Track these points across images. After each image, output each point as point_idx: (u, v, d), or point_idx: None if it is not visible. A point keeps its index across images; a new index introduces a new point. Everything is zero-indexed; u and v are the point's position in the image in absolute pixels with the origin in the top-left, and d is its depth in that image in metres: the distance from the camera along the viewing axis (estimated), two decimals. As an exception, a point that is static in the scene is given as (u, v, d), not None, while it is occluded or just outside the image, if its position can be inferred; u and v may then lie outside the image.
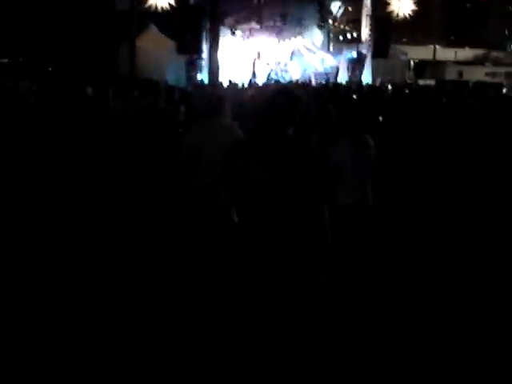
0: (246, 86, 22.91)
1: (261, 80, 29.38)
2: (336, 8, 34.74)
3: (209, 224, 4.73)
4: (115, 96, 10.95)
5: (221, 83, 21.24)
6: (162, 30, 28.83)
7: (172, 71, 27.16)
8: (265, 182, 3.50)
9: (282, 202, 3.50)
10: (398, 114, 11.74)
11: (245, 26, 32.18)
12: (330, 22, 34.99)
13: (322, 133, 5.38)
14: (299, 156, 3.58)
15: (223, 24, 27.39)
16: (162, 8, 27.31)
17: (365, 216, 5.69)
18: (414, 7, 32.22)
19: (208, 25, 27.08)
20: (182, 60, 28.09)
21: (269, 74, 31.35)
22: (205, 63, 28.47)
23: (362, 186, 5.77)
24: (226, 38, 28.58)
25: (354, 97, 14.36)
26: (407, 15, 32.26)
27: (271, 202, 3.50)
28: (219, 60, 25.54)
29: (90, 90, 13.71)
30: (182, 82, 26.36)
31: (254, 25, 32.27)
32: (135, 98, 10.34)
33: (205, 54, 28.49)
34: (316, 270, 3.60)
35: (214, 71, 12.12)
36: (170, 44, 28.06)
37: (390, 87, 21.15)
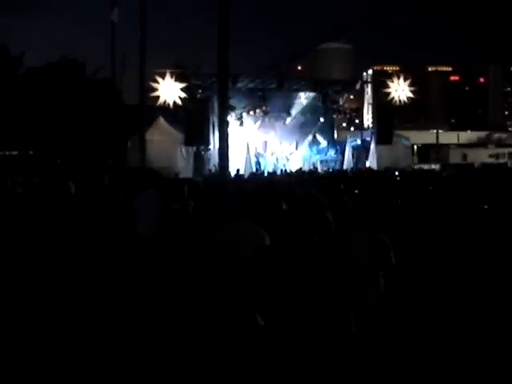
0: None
1: (268, 169, 29.91)
2: (338, 97, 35.62)
3: (234, 328, 4.76)
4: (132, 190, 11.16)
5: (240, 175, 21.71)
6: (170, 121, 29.65)
7: (181, 162, 27.75)
8: (291, 290, 3.57)
9: (308, 308, 3.56)
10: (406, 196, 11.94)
11: (252, 117, 32.98)
12: (333, 110, 35.79)
13: (338, 226, 5.45)
14: (325, 262, 3.65)
15: (231, 115, 28.08)
16: (170, 103, 28.17)
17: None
18: (411, 94, 33.00)
19: (212, 117, 27.84)
20: (189, 151, 28.78)
21: (275, 164, 31.87)
22: (211, 154, 29.09)
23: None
24: (233, 129, 29.27)
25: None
26: (406, 101, 33.00)
27: (298, 309, 3.56)
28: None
29: (106, 181, 13.98)
30: (189, 174, 26.88)
31: (261, 115, 33.04)
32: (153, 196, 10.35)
33: (211, 145, 29.17)
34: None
35: (223, 162, 12.36)
36: (178, 136, 28.77)
37: (396, 173, 21.45)
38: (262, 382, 3.98)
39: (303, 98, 33.74)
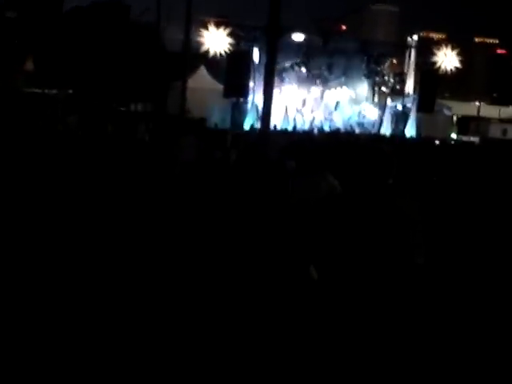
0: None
1: (304, 126, 29.75)
2: (382, 60, 35.02)
3: (287, 280, 4.79)
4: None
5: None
6: (212, 71, 29.53)
7: (218, 113, 27.71)
8: (353, 241, 3.57)
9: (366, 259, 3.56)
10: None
11: (292, 74, 32.62)
12: (376, 73, 35.23)
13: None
14: (386, 217, 3.63)
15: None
16: (215, 52, 27.99)
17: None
18: (458, 64, 32.38)
19: (253, 70, 27.61)
20: (227, 103, 28.65)
21: (311, 122, 31.66)
22: (249, 106, 28.94)
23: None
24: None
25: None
26: (452, 70, 32.40)
27: (357, 260, 3.56)
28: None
29: (142, 128, 14.04)
30: (227, 124, 26.83)
31: (302, 72, 32.70)
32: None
33: (250, 97, 28.99)
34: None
35: (265, 117, 12.31)
36: (218, 86, 28.66)
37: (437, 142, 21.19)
38: (311, 338, 4.00)
39: (346, 59, 33.26)
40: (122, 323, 5.22)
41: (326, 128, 29.87)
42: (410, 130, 31.40)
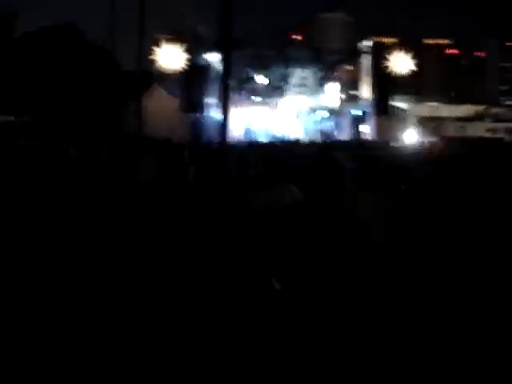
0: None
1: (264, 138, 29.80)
2: (337, 68, 35.44)
3: (251, 291, 4.72)
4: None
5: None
6: (168, 88, 29.39)
7: (178, 130, 27.57)
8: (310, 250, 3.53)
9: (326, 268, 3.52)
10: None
11: (249, 85, 32.76)
12: (331, 80, 35.61)
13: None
14: (340, 223, 3.62)
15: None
16: (166, 69, 27.89)
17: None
18: (411, 67, 32.81)
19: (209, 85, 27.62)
20: (188, 118, 28.61)
21: (274, 135, 31.78)
22: (206, 122, 28.94)
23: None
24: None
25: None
26: (405, 73, 32.83)
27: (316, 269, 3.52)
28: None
29: (104, 154, 13.91)
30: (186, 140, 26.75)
31: (260, 84, 32.83)
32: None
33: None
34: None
35: (224, 129, 12.27)
36: (175, 103, 28.54)
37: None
38: (277, 347, 3.94)
39: (302, 68, 33.54)
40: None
41: (288, 138, 29.97)
42: (370, 134, 31.74)
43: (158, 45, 28.34)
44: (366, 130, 32.81)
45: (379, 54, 33.98)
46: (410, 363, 4.86)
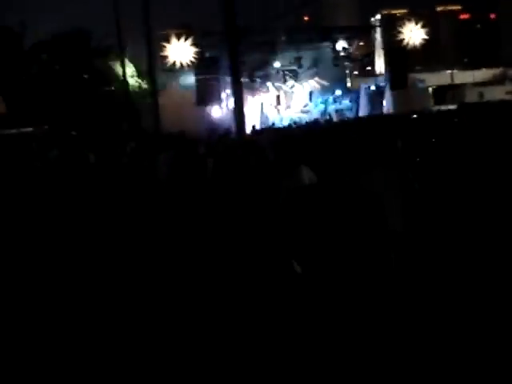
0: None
1: (284, 123, 29.70)
2: (348, 45, 35.09)
3: (271, 275, 4.71)
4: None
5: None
6: (181, 84, 29.39)
7: (194, 124, 27.61)
8: (325, 233, 3.48)
9: (345, 252, 3.47)
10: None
11: (261, 72, 32.63)
12: (344, 58, 35.29)
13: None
14: (359, 204, 3.55)
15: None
16: (181, 64, 27.89)
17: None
18: (423, 36, 32.42)
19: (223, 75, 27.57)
20: (203, 111, 28.63)
21: (291, 118, 31.64)
22: (224, 114, 28.93)
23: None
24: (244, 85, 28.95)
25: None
26: (418, 44, 32.46)
27: (335, 253, 3.47)
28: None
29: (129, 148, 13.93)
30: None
31: (271, 69, 32.71)
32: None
33: (224, 103, 28.99)
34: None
35: (239, 120, 12.26)
36: (189, 98, 28.56)
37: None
38: (298, 332, 3.91)
39: (313, 49, 33.29)
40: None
41: (304, 121, 29.82)
42: (388, 109, 31.44)
43: (167, 41, 28.35)
44: (385, 104, 32.55)
45: (389, 26, 33.62)
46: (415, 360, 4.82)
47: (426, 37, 32.49)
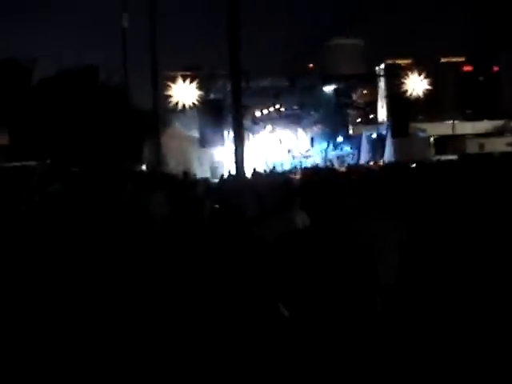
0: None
1: (285, 167, 29.87)
2: (351, 93, 35.56)
3: (257, 320, 4.70)
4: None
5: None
6: (185, 125, 29.65)
7: (196, 166, 27.79)
8: (312, 279, 3.50)
9: (331, 298, 3.50)
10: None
11: (265, 116, 33.00)
12: (346, 105, 35.73)
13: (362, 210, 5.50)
14: (347, 250, 3.58)
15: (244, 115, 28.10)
16: (184, 105, 28.20)
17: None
18: (426, 87, 32.82)
19: (226, 118, 27.84)
20: (205, 154, 28.84)
21: (292, 163, 31.84)
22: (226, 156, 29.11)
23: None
24: (246, 128, 29.21)
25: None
26: (422, 93, 32.82)
27: (321, 299, 3.49)
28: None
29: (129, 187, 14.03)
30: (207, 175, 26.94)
31: (274, 114, 33.08)
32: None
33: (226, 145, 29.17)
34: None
35: (239, 162, 12.35)
36: (192, 139, 28.80)
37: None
38: (286, 375, 3.90)
39: (317, 95, 33.68)
40: None
41: (306, 165, 30.00)
42: (388, 157, 31.62)
43: (172, 81, 28.70)
44: (386, 152, 32.75)
45: (392, 75, 34.06)
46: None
47: (429, 87, 32.84)
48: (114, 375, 5.15)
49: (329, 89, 33.49)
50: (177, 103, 28.27)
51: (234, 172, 14.54)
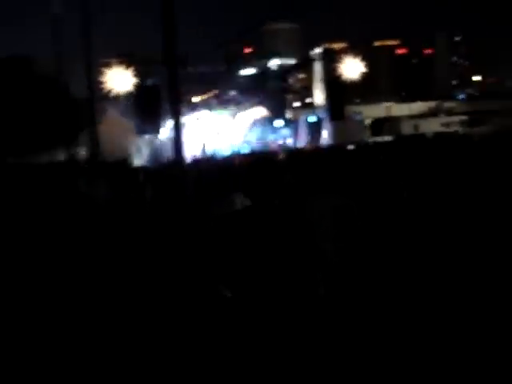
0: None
1: (224, 152, 29.85)
2: (289, 77, 35.75)
3: (200, 300, 4.75)
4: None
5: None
6: (122, 112, 29.26)
7: (134, 153, 27.53)
8: (253, 254, 3.57)
9: (272, 273, 3.56)
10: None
11: (203, 102, 32.90)
12: (284, 90, 35.92)
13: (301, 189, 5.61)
14: (287, 226, 3.64)
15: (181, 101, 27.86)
16: (120, 92, 27.77)
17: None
18: (362, 69, 33.22)
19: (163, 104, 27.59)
20: (144, 141, 28.55)
21: (232, 147, 31.84)
22: (164, 143, 28.89)
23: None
24: (184, 115, 29.00)
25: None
26: (357, 77, 33.21)
27: (261, 274, 3.56)
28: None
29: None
30: (145, 163, 26.71)
31: (212, 99, 33.00)
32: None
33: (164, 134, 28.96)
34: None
35: (178, 148, 12.25)
36: (129, 126, 28.45)
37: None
38: (232, 356, 3.97)
39: (255, 80, 33.72)
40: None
41: (245, 150, 30.07)
42: (326, 139, 32.02)
43: (107, 68, 28.21)
44: (324, 135, 33.15)
45: (329, 59, 34.33)
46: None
47: (365, 70, 33.27)
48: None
49: (266, 73, 33.57)
50: (112, 90, 27.78)
51: (173, 158, 14.45)
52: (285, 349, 3.74)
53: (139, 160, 26.42)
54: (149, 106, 27.71)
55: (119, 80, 27.77)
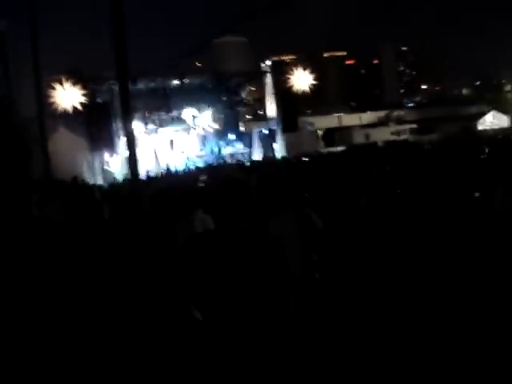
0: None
1: (179, 168, 29.67)
2: (240, 90, 35.84)
3: (170, 323, 4.67)
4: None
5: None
6: (72, 129, 28.79)
7: (87, 170, 27.14)
8: (222, 280, 3.50)
9: (241, 297, 3.50)
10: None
11: (155, 117, 32.67)
12: (236, 103, 35.98)
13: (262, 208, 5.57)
14: (258, 250, 3.58)
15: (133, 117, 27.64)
16: (68, 109, 27.35)
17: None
18: (311, 82, 33.52)
19: (115, 121, 27.32)
20: (96, 158, 28.18)
21: (186, 162, 31.67)
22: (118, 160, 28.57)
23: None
24: (137, 131, 28.74)
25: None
26: (307, 89, 33.48)
27: (231, 299, 3.50)
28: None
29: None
30: (99, 181, 26.33)
31: (163, 115, 32.80)
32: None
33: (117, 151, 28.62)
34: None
35: (132, 165, 12.16)
36: (82, 143, 28.04)
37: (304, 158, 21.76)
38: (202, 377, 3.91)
39: (206, 94, 33.65)
40: None
41: (200, 165, 29.96)
42: (280, 151, 32.17)
43: (56, 86, 27.77)
44: (275, 147, 33.32)
45: (279, 71, 34.58)
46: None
47: (314, 82, 33.60)
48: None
49: (218, 87, 33.62)
50: (60, 107, 27.30)
51: (128, 175, 14.31)
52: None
53: (90, 177, 26.05)
54: (100, 123, 27.42)
55: (66, 96, 27.34)
